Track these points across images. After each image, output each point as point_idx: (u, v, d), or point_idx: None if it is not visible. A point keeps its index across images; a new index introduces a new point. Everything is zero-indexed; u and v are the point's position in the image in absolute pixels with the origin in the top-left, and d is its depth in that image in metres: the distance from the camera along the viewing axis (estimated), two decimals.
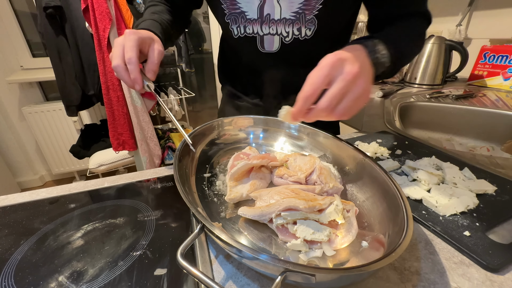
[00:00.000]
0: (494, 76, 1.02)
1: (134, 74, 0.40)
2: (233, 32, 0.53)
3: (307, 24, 0.49)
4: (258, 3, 0.48)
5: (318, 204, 0.30)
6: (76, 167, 2.11)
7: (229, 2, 0.50)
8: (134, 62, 0.39)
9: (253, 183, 0.38)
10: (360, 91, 0.31)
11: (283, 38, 0.52)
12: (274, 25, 0.50)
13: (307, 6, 0.47)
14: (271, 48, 0.53)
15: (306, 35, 0.51)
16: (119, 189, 0.44)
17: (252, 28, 0.51)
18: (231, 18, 0.51)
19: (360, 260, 0.28)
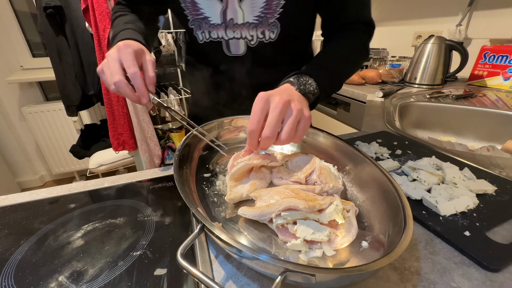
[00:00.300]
0: (494, 76, 1.02)
1: (142, 89, 0.38)
2: (198, 38, 0.53)
3: (270, 27, 0.51)
4: (221, 8, 0.49)
5: (318, 204, 0.30)
6: (76, 167, 2.11)
7: (191, 8, 0.50)
8: (139, 76, 0.38)
9: (253, 183, 0.38)
10: (295, 113, 0.35)
11: (248, 42, 0.53)
12: (238, 29, 0.51)
13: (268, 10, 0.49)
14: (237, 51, 0.54)
15: (271, 38, 0.52)
16: (119, 189, 0.44)
17: (217, 33, 0.52)
18: (195, 23, 0.51)
19: (360, 260, 0.28)
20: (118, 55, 0.38)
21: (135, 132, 1.41)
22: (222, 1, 0.48)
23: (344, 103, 1.24)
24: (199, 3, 0.49)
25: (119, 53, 0.38)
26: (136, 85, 0.38)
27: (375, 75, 1.21)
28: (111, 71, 0.37)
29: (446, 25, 1.27)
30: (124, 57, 0.38)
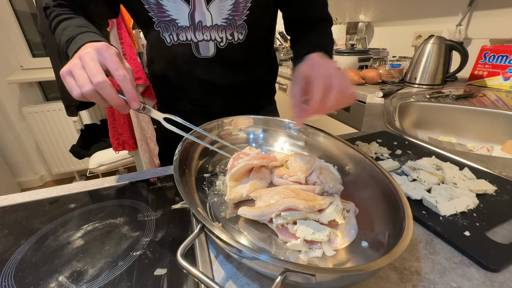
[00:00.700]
0: (494, 76, 1.02)
1: (134, 92, 0.35)
2: (166, 40, 0.52)
3: (239, 29, 0.53)
4: (188, 11, 0.49)
5: (318, 204, 0.30)
6: (76, 167, 2.11)
7: (157, 10, 0.48)
8: (129, 79, 0.34)
9: (253, 183, 0.38)
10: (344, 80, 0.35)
11: (218, 43, 0.53)
12: (208, 31, 0.51)
13: (236, 12, 0.50)
14: (207, 53, 0.54)
15: (239, 39, 0.54)
16: (119, 189, 0.44)
17: (186, 35, 0.51)
18: (161, 26, 0.50)
19: (360, 260, 0.28)
20: (99, 56, 0.34)
21: (135, 132, 1.41)
22: (189, 4, 0.48)
23: None
24: (165, 5, 0.48)
25: (101, 54, 0.34)
26: (127, 88, 0.34)
27: (375, 75, 1.21)
28: (90, 71, 0.33)
29: (446, 25, 1.27)
30: (109, 58, 0.34)
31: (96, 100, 0.34)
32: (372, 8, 1.70)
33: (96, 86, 0.32)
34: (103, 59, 0.34)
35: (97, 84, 0.32)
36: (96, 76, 0.32)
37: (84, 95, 0.33)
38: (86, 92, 0.32)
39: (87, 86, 0.32)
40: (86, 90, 0.32)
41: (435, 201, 0.36)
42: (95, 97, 0.33)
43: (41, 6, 1.28)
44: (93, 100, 0.34)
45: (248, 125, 0.52)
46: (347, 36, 1.75)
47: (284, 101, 1.88)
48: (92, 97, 0.33)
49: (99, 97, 0.34)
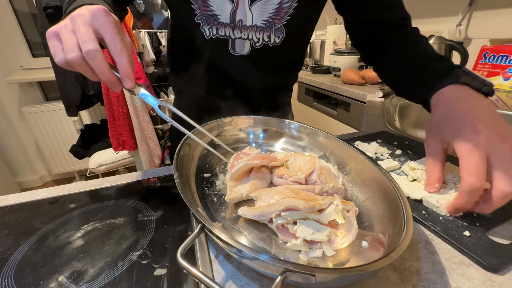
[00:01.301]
0: (494, 76, 1.02)
1: (129, 69, 0.30)
2: (205, 33, 0.52)
3: (276, 32, 0.53)
4: (231, 9, 0.49)
5: (318, 204, 0.30)
6: (76, 167, 2.11)
7: (200, 3, 0.49)
8: (126, 54, 0.30)
9: (253, 183, 0.38)
10: None
11: (254, 43, 0.53)
12: (246, 30, 0.52)
13: (277, 16, 0.50)
14: (242, 51, 0.54)
15: (275, 42, 0.54)
16: (119, 189, 0.44)
17: (224, 31, 0.52)
18: (203, 19, 0.50)
19: (360, 260, 0.28)
20: (93, 21, 0.29)
21: (135, 132, 1.42)
22: (233, 2, 0.48)
23: (344, 103, 1.24)
24: (210, 0, 0.48)
25: (96, 18, 0.29)
26: (123, 63, 0.30)
27: (375, 75, 1.21)
28: (81, 36, 0.28)
29: (446, 25, 1.27)
30: (106, 25, 0.29)
31: (83, 70, 0.30)
32: None
33: (86, 54, 0.28)
34: (99, 25, 0.29)
35: (87, 52, 0.28)
36: (87, 42, 0.28)
37: (70, 62, 0.29)
38: (72, 58, 0.28)
39: (74, 52, 0.28)
40: (72, 56, 0.28)
41: (435, 201, 0.36)
42: (82, 67, 0.29)
43: (41, 6, 1.28)
44: (79, 70, 0.30)
45: (248, 125, 0.52)
46: (347, 36, 1.75)
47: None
48: (79, 66, 0.29)
49: (87, 68, 0.29)
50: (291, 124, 0.51)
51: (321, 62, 1.82)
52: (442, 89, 0.37)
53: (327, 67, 1.57)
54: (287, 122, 0.51)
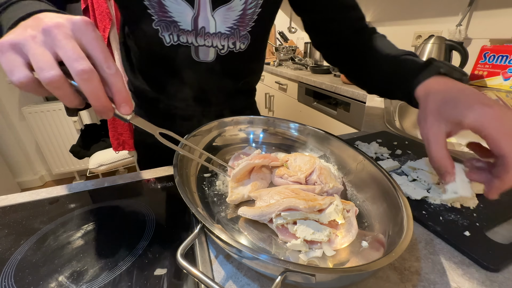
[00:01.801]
0: (494, 76, 1.02)
1: (126, 92, 0.26)
2: (165, 40, 0.48)
3: (241, 38, 0.52)
4: (192, 15, 0.46)
5: (318, 204, 0.30)
6: (76, 167, 2.11)
7: (158, 9, 0.45)
8: (122, 76, 0.26)
9: (254, 184, 0.38)
10: None
11: (219, 50, 0.52)
12: (210, 38, 0.49)
13: (242, 22, 0.49)
14: (206, 58, 0.52)
15: (240, 48, 0.53)
16: (119, 189, 0.44)
17: (186, 38, 0.49)
18: (162, 25, 0.47)
19: (360, 260, 0.28)
20: (79, 34, 0.24)
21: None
22: (193, 8, 0.46)
23: (344, 103, 1.24)
24: (167, 5, 0.45)
25: (82, 32, 0.24)
26: (119, 86, 0.26)
27: None
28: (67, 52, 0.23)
29: (446, 25, 1.27)
30: (95, 42, 0.24)
31: (62, 93, 0.24)
32: (372, 8, 1.70)
33: (79, 75, 0.23)
34: (88, 42, 0.24)
35: (80, 73, 0.23)
36: (79, 61, 0.23)
37: (46, 82, 0.22)
38: (51, 78, 0.22)
39: (52, 70, 0.22)
40: (51, 75, 0.22)
41: (435, 201, 0.36)
42: (62, 89, 0.23)
43: None
44: (56, 92, 0.23)
45: (248, 125, 0.52)
46: None
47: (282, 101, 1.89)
48: (57, 87, 0.23)
49: (68, 90, 0.24)
50: (291, 124, 0.51)
51: (321, 62, 1.82)
52: (426, 80, 0.37)
53: (327, 67, 1.57)
54: (287, 122, 0.51)
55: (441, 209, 0.36)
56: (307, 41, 2.09)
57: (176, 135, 0.35)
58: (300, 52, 2.22)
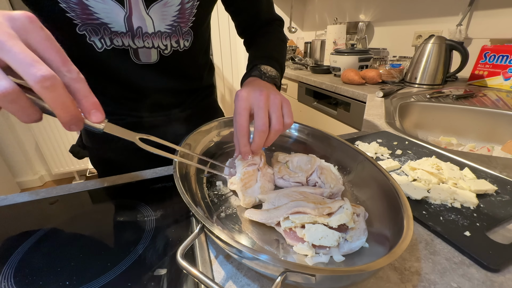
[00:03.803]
0: (494, 76, 1.02)
1: (93, 97, 0.24)
2: (96, 45, 0.43)
3: (185, 35, 0.49)
4: (124, 15, 0.41)
5: (328, 207, 0.29)
6: (76, 167, 2.11)
7: (80, 12, 0.39)
8: (85, 80, 0.23)
9: (263, 186, 0.37)
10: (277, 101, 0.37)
11: (162, 51, 0.48)
12: (149, 38, 0.45)
13: (182, 18, 0.46)
14: (148, 60, 0.48)
15: (185, 46, 0.51)
16: (119, 189, 0.44)
17: (122, 41, 0.44)
18: (88, 29, 0.41)
19: (360, 260, 0.28)
20: (23, 33, 0.20)
21: None
22: (124, 6, 0.41)
23: (344, 103, 1.24)
24: (92, 6, 0.39)
25: (26, 30, 0.20)
26: (84, 91, 0.23)
27: (375, 75, 1.21)
28: (16, 57, 0.19)
29: (447, 24, 1.27)
30: (46, 42, 0.21)
31: (18, 108, 0.20)
32: (372, 8, 1.70)
33: (40, 82, 0.19)
34: (37, 42, 0.20)
35: (41, 80, 0.19)
36: (36, 66, 0.19)
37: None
38: (3, 91, 0.19)
39: (3, 81, 0.19)
40: (3, 88, 0.19)
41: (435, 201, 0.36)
42: (19, 102, 0.20)
43: None
44: (11, 107, 0.20)
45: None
46: (347, 36, 1.75)
47: None
48: (11, 101, 0.20)
49: (25, 103, 0.21)
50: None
51: (321, 62, 1.82)
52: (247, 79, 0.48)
53: (327, 67, 1.57)
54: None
55: (441, 209, 0.36)
56: (307, 41, 2.08)
57: (158, 139, 0.33)
58: (300, 52, 2.22)
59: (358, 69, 1.35)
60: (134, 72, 0.49)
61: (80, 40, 0.42)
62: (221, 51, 2.32)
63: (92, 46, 0.43)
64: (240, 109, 0.36)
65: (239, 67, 2.44)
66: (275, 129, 0.36)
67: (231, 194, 0.39)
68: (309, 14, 2.35)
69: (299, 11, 2.37)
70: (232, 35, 2.31)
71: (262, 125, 0.35)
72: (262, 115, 0.36)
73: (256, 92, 0.37)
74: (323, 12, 2.17)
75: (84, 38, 0.42)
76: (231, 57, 2.39)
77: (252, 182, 0.38)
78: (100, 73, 0.48)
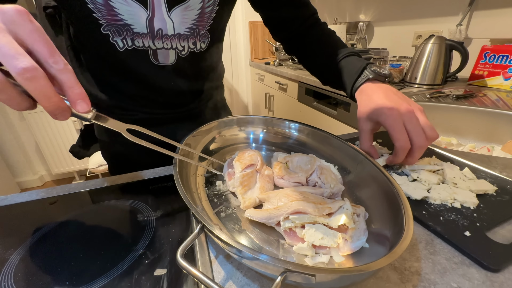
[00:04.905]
0: (494, 76, 1.02)
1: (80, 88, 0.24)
2: (118, 45, 0.45)
3: (201, 38, 0.51)
4: (146, 17, 0.43)
5: (328, 207, 0.29)
6: (76, 167, 2.11)
7: (105, 12, 0.41)
8: (72, 70, 0.24)
9: (262, 187, 0.37)
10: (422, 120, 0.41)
11: (179, 52, 0.50)
12: (168, 40, 0.47)
13: (201, 21, 0.48)
14: (166, 61, 0.50)
15: (201, 48, 0.52)
16: (119, 189, 0.44)
17: (142, 41, 0.46)
18: (112, 29, 0.43)
19: (360, 260, 0.28)
20: (13, 27, 0.21)
21: None
22: (147, 9, 0.42)
23: (344, 103, 1.24)
24: (116, 7, 0.41)
25: (16, 23, 0.21)
26: (71, 82, 0.24)
27: None
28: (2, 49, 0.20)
29: (447, 25, 1.27)
30: (34, 34, 0.22)
31: (7, 97, 0.22)
32: (372, 8, 1.70)
33: (21, 74, 0.20)
34: (25, 34, 0.21)
35: (22, 71, 0.20)
36: (18, 58, 0.20)
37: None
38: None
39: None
40: None
41: (435, 201, 0.36)
42: (7, 92, 0.21)
43: (41, 6, 1.27)
44: (0, 97, 0.22)
45: (248, 125, 0.52)
46: (347, 36, 1.75)
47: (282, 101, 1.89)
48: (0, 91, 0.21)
49: (12, 93, 0.22)
50: (291, 124, 0.51)
51: None
52: (361, 86, 0.49)
53: None
54: (287, 122, 0.51)
55: (441, 209, 0.36)
56: None
57: (146, 130, 0.33)
58: None
59: None
60: (152, 72, 0.50)
61: (104, 39, 0.44)
62: None
63: (114, 45, 0.45)
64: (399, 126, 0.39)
65: (239, 67, 2.44)
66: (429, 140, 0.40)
67: (231, 194, 0.39)
68: None
69: None
70: (232, 35, 2.31)
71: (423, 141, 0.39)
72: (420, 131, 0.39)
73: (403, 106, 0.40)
74: (323, 12, 2.17)
75: (107, 38, 0.44)
76: (231, 57, 2.39)
77: (251, 184, 0.38)
78: (119, 71, 0.50)
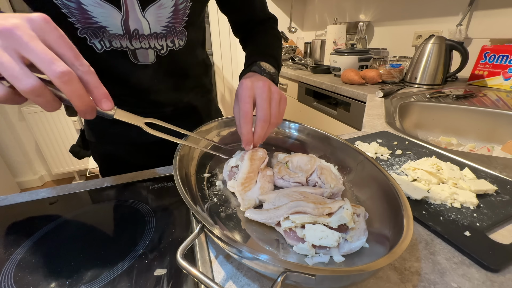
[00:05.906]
0: (494, 76, 1.02)
1: (103, 88, 0.27)
2: (96, 47, 0.45)
3: (179, 35, 0.51)
4: (121, 18, 0.43)
5: (328, 207, 0.29)
6: (76, 167, 2.11)
7: (79, 16, 0.41)
8: (95, 72, 0.26)
9: (263, 187, 0.37)
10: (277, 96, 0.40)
11: (158, 51, 0.50)
12: (146, 39, 0.47)
13: (176, 19, 0.48)
14: (146, 60, 0.50)
15: (180, 45, 0.52)
16: (119, 189, 0.44)
17: (120, 42, 0.46)
18: (88, 32, 0.43)
19: (360, 260, 0.28)
20: (41, 33, 0.23)
21: None
22: (121, 10, 0.42)
23: (344, 103, 1.24)
24: (90, 11, 0.41)
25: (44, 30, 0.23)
26: (95, 82, 0.26)
27: (375, 75, 1.21)
28: (38, 55, 0.22)
29: (447, 24, 1.27)
30: (61, 40, 0.24)
31: (43, 101, 0.24)
32: (372, 8, 1.70)
33: (59, 78, 0.22)
34: (53, 40, 0.23)
35: (60, 75, 0.22)
36: (56, 63, 0.22)
37: (26, 92, 0.22)
38: (32, 87, 0.22)
39: (30, 78, 0.22)
40: (31, 84, 0.22)
41: (435, 201, 0.36)
42: (44, 96, 0.23)
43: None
44: (38, 100, 0.23)
45: None
46: (347, 36, 1.75)
47: None
48: (38, 95, 0.23)
49: (49, 96, 0.24)
50: (291, 124, 0.51)
51: (321, 62, 1.82)
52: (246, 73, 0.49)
53: (327, 67, 1.57)
54: (287, 122, 0.51)
55: (441, 209, 0.36)
56: (307, 41, 2.08)
57: (163, 122, 0.35)
58: (300, 52, 2.22)
59: (358, 69, 1.35)
60: (133, 72, 0.50)
61: (81, 42, 0.44)
62: (221, 51, 2.32)
63: (93, 48, 0.45)
64: (245, 96, 0.38)
65: (239, 67, 2.44)
66: (273, 122, 0.39)
67: (231, 194, 0.39)
68: (309, 14, 2.36)
69: (299, 11, 2.37)
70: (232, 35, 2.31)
71: (265, 115, 0.38)
72: (265, 106, 0.38)
73: (260, 83, 0.39)
74: (323, 12, 2.17)
75: (85, 41, 0.44)
76: (231, 57, 2.40)
77: (251, 185, 0.38)
78: (100, 73, 0.48)
